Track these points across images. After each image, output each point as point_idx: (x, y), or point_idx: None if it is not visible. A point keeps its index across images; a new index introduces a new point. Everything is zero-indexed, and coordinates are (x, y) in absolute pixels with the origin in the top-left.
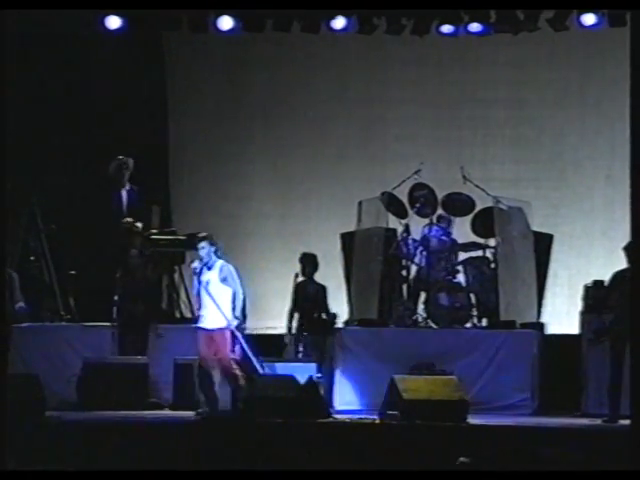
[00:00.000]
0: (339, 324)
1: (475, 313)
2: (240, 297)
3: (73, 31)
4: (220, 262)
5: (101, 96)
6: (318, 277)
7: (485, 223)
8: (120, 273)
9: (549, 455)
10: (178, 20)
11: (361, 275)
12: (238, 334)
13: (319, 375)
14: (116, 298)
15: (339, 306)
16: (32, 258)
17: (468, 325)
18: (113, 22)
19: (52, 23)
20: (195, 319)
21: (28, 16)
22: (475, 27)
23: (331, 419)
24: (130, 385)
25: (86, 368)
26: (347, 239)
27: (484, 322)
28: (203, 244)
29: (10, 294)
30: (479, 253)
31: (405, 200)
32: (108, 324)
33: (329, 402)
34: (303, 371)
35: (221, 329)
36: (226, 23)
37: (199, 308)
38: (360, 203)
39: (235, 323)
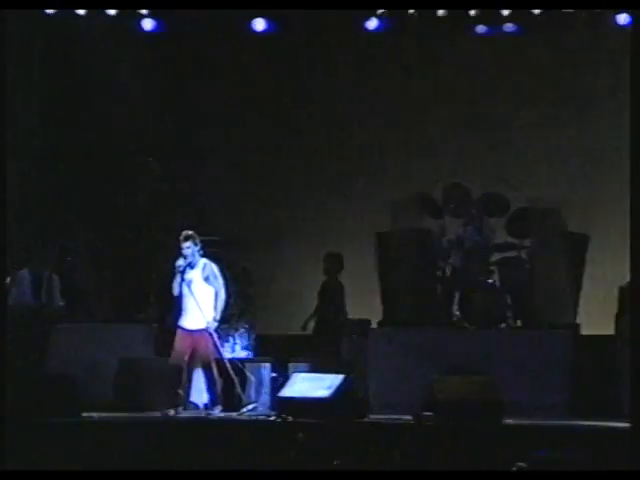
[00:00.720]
0: (374, 324)
1: (510, 314)
2: (222, 297)
3: None
4: (203, 260)
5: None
6: (354, 277)
7: (520, 223)
8: (155, 274)
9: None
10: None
11: (396, 275)
12: (215, 335)
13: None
14: (152, 299)
15: (373, 306)
16: (68, 259)
17: (503, 326)
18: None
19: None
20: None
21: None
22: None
23: (366, 419)
24: (166, 385)
25: (122, 368)
26: (382, 239)
27: (519, 323)
28: (188, 243)
29: (49, 295)
30: (514, 254)
31: (440, 200)
32: (144, 325)
33: (364, 402)
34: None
35: (201, 330)
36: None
37: (179, 307)
38: (395, 203)
39: (214, 325)
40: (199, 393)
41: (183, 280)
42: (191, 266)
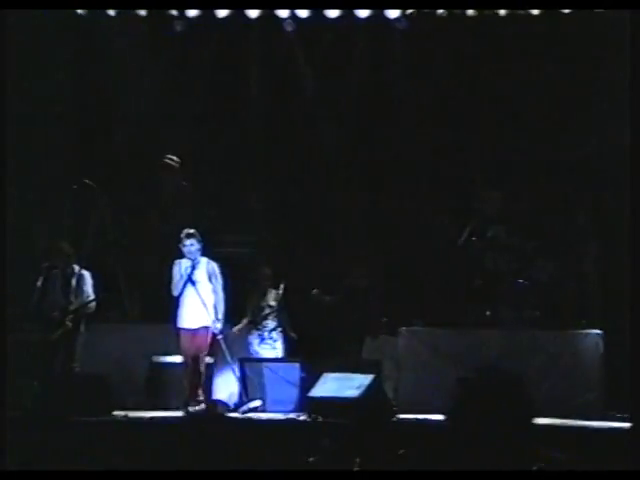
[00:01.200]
0: (404, 324)
1: (542, 313)
2: (222, 296)
3: None
4: (205, 260)
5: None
6: (384, 277)
7: (553, 224)
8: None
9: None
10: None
11: (426, 276)
12: (220, 335)
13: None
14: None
15: (404, 307)
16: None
17: (536, 325)
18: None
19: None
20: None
21: None
22: None
23: (396, 419)
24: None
25: (153, 368)
26: (414, 240)
27: (552, 322)
28: (192, 241)
29: (80, 291)
30: (546, 254)
31: (474, 200)
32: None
33: (395, 402)
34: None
35: (204, 328)
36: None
37: (178, 306)
38: (429, 202)
39: (219, 325)
40: (226, 391)
41: (188, 279)
42: (194, 265)
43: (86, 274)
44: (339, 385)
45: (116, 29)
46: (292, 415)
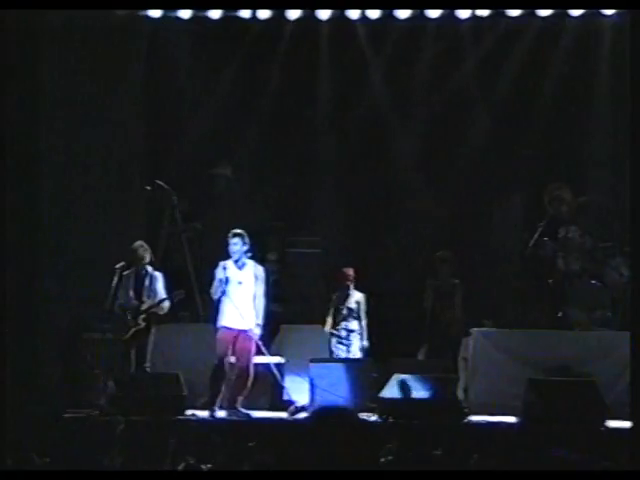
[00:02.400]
0: (475, 326)
1: (614, 314)
2: (263, 301)
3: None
4: (252, 262)
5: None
6: (454, 278)
7: (623, 225)
8: None
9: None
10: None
11: (497, 277)
12: (257, 338)
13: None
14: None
15: (475, 307)
16: (173, 259)
17: (607, 327)
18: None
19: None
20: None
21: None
22: None
23: (467, 421)
24: (264, 385)
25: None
26: (485, 241)
27: (624, 322)
28: (236, 240)
29: (153, 292)
30: (618, 254)
31: (546, 201)
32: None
33: (465, 403)
34: None
35: (246, 330)
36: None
37: (219, 305)
38: (497, 205)
39: (258, 331)
40: (296, 391)
41: (227, 280)
42: (239, 266)
43: (158, 275)
44: (410, 386)
45: (185, 31)
46: (363, 416)
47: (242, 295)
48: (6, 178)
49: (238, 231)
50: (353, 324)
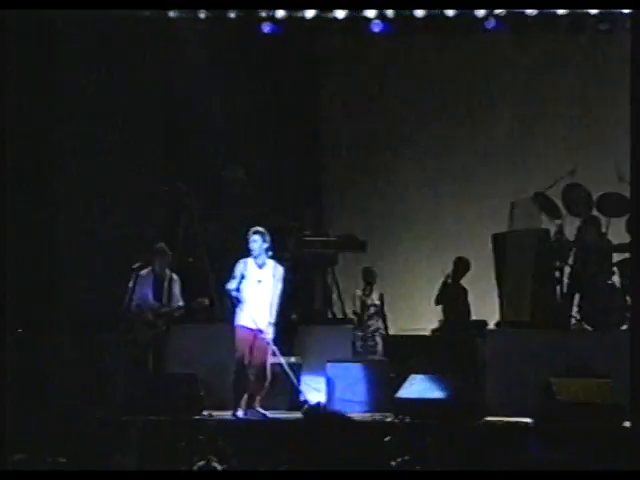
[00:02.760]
0: (491, 326)
1: (630, 315)
2: (278, 302)
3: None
4: (273, 262)
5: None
6: (470, 278)
7: None
8: None
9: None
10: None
11: (513, 276)
12: (270, 337)
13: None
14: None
15: (490, 308)
16: (190, 259)
17: (624, 327)
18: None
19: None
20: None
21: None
22: None
23: (483, 421)
24: (282, 385)
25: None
26: (499, 240)
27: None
28: (256, 237)
29: (172, 295)
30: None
31: (559, 200)
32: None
33: (482, 404)
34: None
35: (262, 330)
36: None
37: (236, 304)
38: (512, 204)
39: (271, 330)
40: (313, 392)
41: (243, 278)
42: (259, 265)
43: (177, 278)
44: (427, 386)
45: (204, 31)
46: (379, 416)
47: (260, 294)
48: (23, 179)
49: (259, 229)
50: (378, 322)
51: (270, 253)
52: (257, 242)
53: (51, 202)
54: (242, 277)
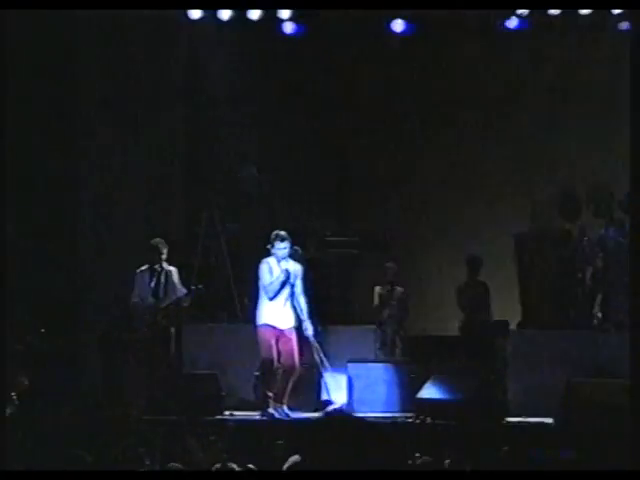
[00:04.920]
0: (513, 326)
1: None
2: (304, 297)
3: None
4: (292, 261)
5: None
6: (491, 279)
7: None
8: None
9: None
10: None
11: (535, 277)
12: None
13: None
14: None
15: (512, 308)
16: (211, 259)
17: None
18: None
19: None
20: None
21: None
22: None
23: (505, 422)
24: (305, 385)
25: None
26: (522, 240)
27: None
28: (284, 244)
29: (171, 288)
30: None
31: (582, 200)
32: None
33: (503, 405)
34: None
35: (292, 329)
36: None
37: (258, 303)
38: (535, 204)
39: (310, 326)
40: (337, 391)
41: (287, 281)
42: (286, 264)
43: (173, 269)
44: (447, 387)
45: (225, 31)
46: (400, 416)
47: (290, 293)
48: (47, 179)
49: (285, 234)
50: (399, 322)
51: (296, 255)
52: (285, 249)
53: (72, 203)
54: (276, 279)
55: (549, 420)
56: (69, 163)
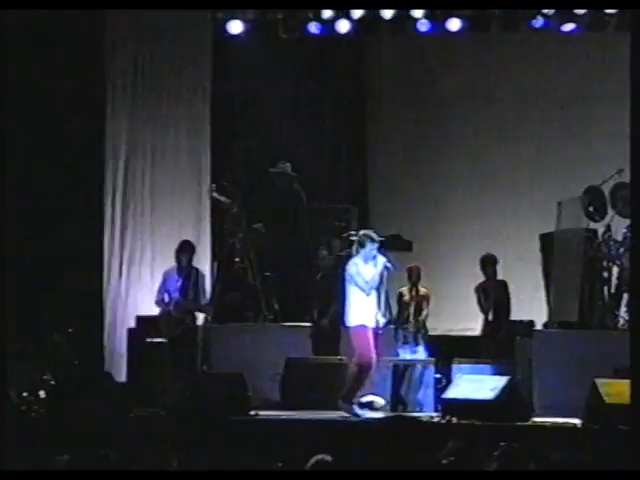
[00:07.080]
0: (538, 326)
1: None
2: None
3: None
4: (383, 259)
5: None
6: (518, 278)
7: None
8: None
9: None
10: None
11: (561, 277)
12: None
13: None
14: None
15: (538, 308)
16: (237, 259)
17: None
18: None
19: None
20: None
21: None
22: None
23: (530, 422)
24: (330, 384)
25: (289, 367)
26: (546, 240)
27: None
28: (374, 245)
29: (202, 290)
30: None
31: (607, 200)
32: (309, 324)
33: (529, 405)
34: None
35: (375, 328)
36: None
37: (345, 304)
38: (560, 203)
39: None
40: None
41: (352, 277)
42: (375, 265)
43: (205, 273)
44: (473, 387)
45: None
46: (425, 416)
47: (380, 293)
48: (71, 176)
49: (376, 236)
50: (422, 322)
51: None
52: (374, 251)
53: (97, 200)
54: (371, 279)
55: (575, 420)
56: (93, 160)
